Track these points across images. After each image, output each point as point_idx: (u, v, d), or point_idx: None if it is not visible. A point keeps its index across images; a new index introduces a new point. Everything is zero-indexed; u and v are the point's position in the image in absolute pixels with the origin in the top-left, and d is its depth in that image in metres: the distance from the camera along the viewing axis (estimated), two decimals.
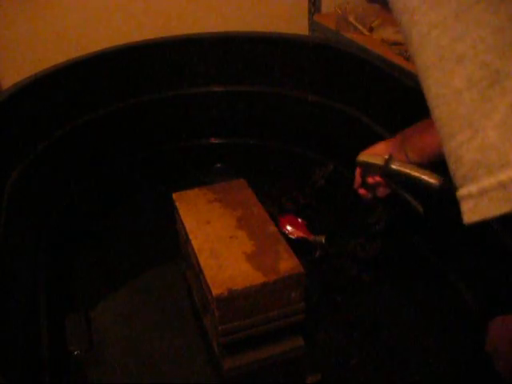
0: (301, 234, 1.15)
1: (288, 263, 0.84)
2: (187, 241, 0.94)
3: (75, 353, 0.93)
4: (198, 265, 0.86)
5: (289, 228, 1.16)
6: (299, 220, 1.19)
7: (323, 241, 1.11)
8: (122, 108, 1.28)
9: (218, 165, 1.43)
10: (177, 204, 1.00)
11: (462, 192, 0.29)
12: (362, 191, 0.94)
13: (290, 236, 1.14)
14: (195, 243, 0.89)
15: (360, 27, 1.42)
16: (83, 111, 1.22)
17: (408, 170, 0.81)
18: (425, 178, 0.78)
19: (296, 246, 1.02)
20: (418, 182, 0.79)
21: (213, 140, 1.41)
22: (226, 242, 0.89)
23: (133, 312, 1.02)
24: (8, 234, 0.89)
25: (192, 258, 0.93)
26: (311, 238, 1.13)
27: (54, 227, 1.15)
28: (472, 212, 0.28)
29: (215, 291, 0.79)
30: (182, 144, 1.38)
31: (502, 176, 0.27)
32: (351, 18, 1.43)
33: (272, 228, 0.92)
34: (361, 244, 1.09)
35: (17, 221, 0.98)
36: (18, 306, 0.86)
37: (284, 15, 1.65)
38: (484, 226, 0.83)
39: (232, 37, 1.30)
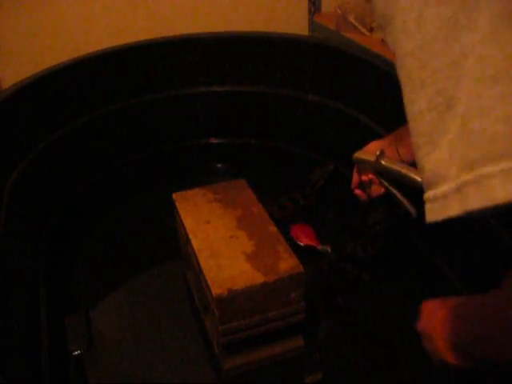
0: (309, 242, 1.15)
1: (288, 263, 0.84)
2: (187, 241, 0.94)
3: (75, 353, 0.93)
4: (198, 265, 0.86)
5: (299, 235, 1.17)
6: (309, 228, 1.19)
7: (329, 250, 1.12)
8: (122, 108, 1.28)
9: (218, 165, 1.43)
10: (177, 204, 1.00)
11: (425, 195, 0.35)
12: (357, 191, 0.95)
13: (299, 243, 1.15)
14: (195, 243, 0.89)
15: (360, 27, 1.42)
16: (83, 111, 1.22)
17: (397, 167, 0.82)
18: (411, 175, 0.79)
19: (304, 253, 1.03)
20: (405, 178, 0.80)
21: (213, 140, 1.41)
22: (226, 242, 0.89)
23: (133, 312, 1.02)
24: (8, 234, 0.89)
25: (192, 258, 0.93)
26: (320, 247, 1.13)
27: (54, 227, 1.15)
28: (429, 214, 0.34)
29: (215, 291, 0.79)
30: (182, 144, 1.38)
31: (445, 187, 0.33)
32: (351, 18, 1.43)
33: (272, 228, 0.92)
34: (361, 244, 1.09)
35: (17, 221, 0.98)
36: (18, 306, 0.86)
37: (284, 15, 1.65)
38: (484, 225, 0.83)
39: (232, 37, 1.30)
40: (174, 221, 1.03)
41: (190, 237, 0.91)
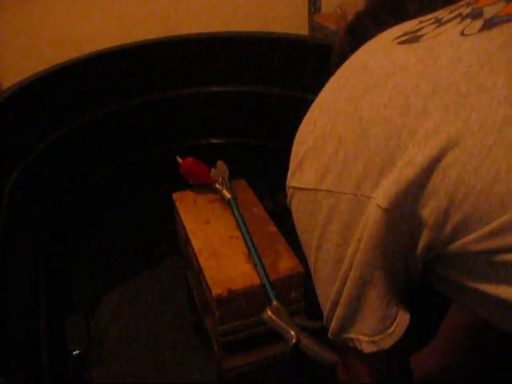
0: (204, 180, 1.03)
1: (288, 263, 0.84)
2: (187, 241, 0.94)
3: (75, 353, 0.93)
4: (198, 265, 0.86)
5: (190, 173, 1.04)
6: (202, 165, 1.06)
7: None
8: (121, 108, 1.28)
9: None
10: (177, 204, 1.00)
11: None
12: None
13: (191, 182, 1.04)
14: (195, 243, 0.90)
15: None
16: (83, 111, 1.22)
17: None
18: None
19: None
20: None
21: (213, 140, 1.40)
22: (226, 242, 0.89)
23: (133, 312, 1.02)
24: (8, 234, 0.89)
25: (192, 258, 0.93)
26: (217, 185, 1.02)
27: (54, 227, 1.15)
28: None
29: (215, 291, 0.79)
30: (182, 144, 1.38)
31: (352, 335, 0.49)
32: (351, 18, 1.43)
33: (272, 228, 0.92)
34: None
35: (17, 220, 0.98)
36: (18, 305, 0.86)
37: (284, 15, 1.65)
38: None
39: (232, 37, 1.30)
40: (174, 221, 1.03)
41: (190, 237, 0.91)
